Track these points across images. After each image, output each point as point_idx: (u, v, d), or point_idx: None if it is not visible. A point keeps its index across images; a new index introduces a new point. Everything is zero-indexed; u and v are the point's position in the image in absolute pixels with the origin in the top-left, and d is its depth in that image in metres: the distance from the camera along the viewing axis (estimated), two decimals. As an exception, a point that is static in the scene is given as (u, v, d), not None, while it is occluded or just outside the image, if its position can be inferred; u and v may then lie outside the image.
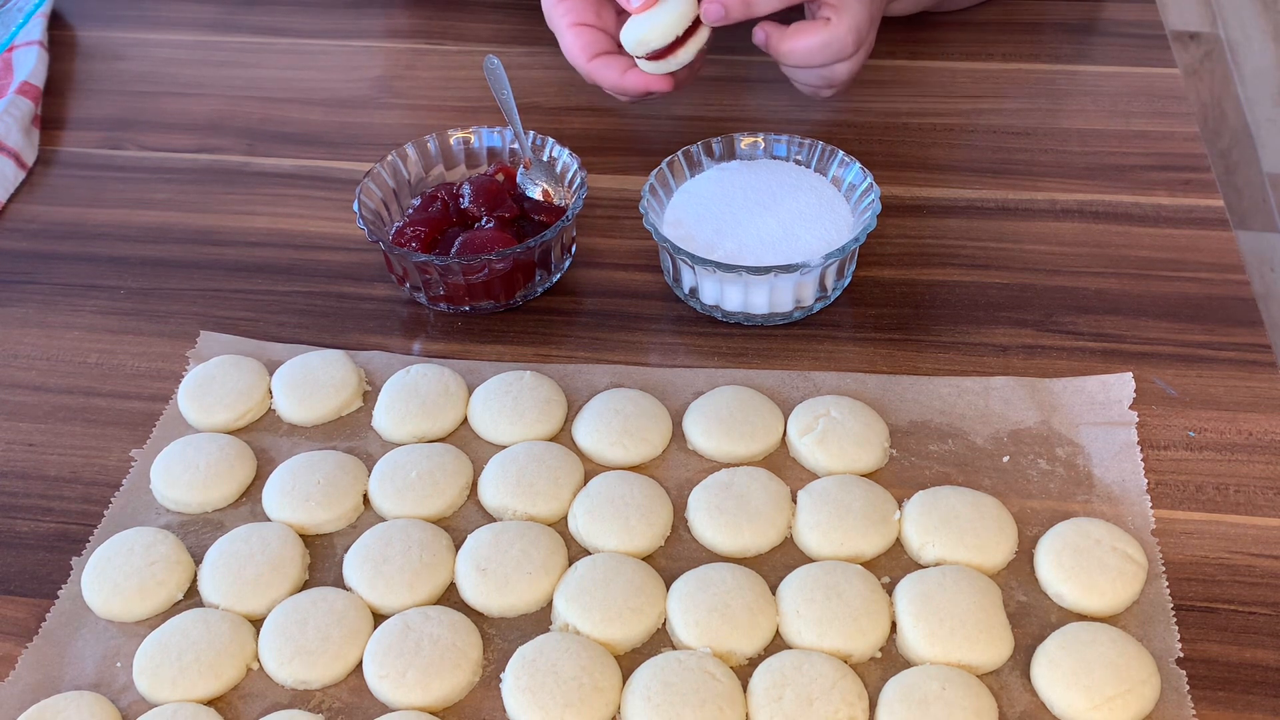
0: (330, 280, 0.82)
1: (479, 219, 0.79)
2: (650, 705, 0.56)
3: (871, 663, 0.59)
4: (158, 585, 0.63)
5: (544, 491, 0.66)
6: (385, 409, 0.71)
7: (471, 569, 0.62)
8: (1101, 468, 0.67)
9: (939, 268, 0.81)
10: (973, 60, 0.99)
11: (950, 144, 0.91)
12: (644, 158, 0.87)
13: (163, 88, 1.01)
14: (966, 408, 0.70)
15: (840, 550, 0.63)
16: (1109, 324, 0.76)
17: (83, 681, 0.60)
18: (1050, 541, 0.63)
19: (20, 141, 0.93)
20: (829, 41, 0.79)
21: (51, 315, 0.80)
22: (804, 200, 0.78)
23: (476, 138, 0.85)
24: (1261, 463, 0.67)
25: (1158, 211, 0.84)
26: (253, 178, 0.92)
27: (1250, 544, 0.64)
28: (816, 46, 0.80)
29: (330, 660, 0.59)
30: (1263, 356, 0.73)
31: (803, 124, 0.93)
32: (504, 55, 0.91)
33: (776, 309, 0.76)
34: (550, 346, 0.77)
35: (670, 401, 0.71)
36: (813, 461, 0.68)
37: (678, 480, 0.68)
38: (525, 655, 0.58)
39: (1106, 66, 0.97)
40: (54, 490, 0.69)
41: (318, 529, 0.66)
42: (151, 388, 0.75)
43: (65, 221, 0.88)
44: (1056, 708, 0.57)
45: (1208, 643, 0.60)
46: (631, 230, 0.83)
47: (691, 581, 0.61)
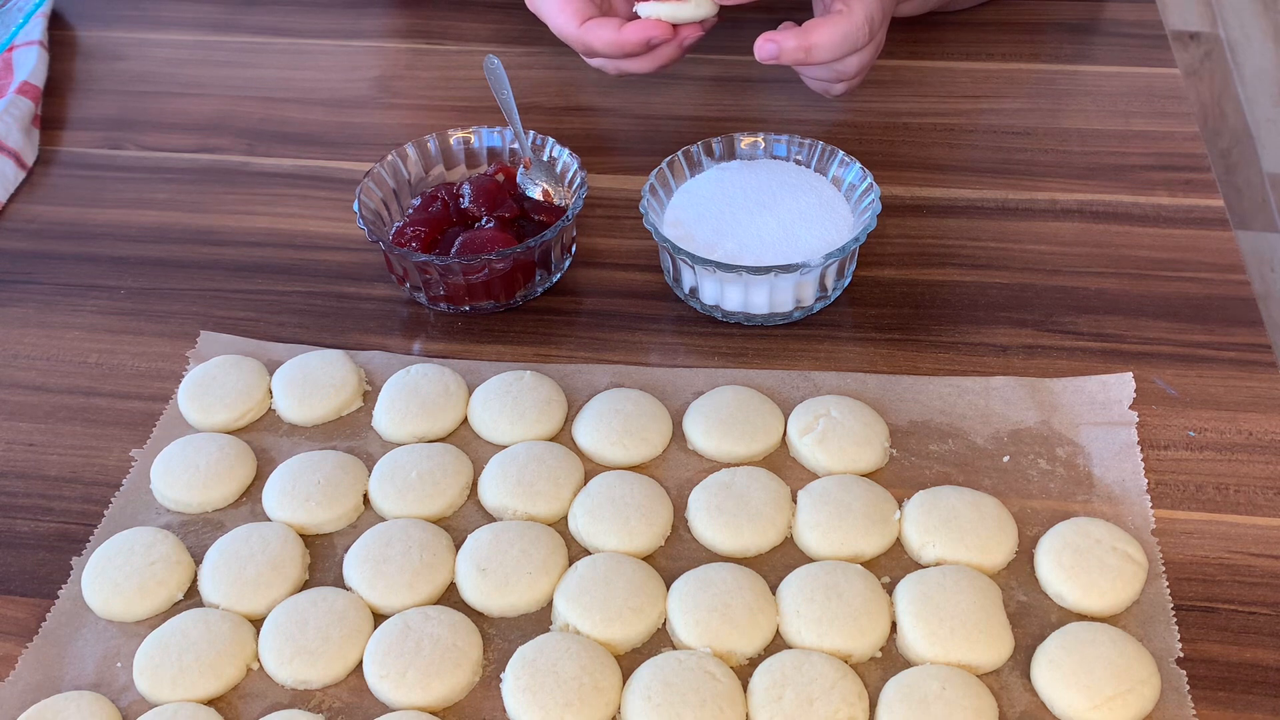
0: (330, 280, 0.82)
1: (479, 219, 0.79)
2: (650, 705, 0.56)
3: (871, 663, 0.59)
4: (158, 585, 0.63)
5: (544, 491, 0.66)
6: (385, 409, 0.71)
7: (472, 569, 0.62)
8: (1102, 468, 0.67)
9: (939, 268, 0.81)
10: (973, 60, 0.99)
11: (950, 144, 0.91)
12: (644, 158, 0.87)
13: (163, 88, 1.01)
14: (967, 408, 0.70)
15: (840, 550, 0.63)
16: (1109, 324, 0.76)
17: (83, 681, 0.60)
18: (1050, 541, 0.63)
19: (20, 141, 0.93)
20: (848, 32, 0.80)
21: (51, 315, 0.80)
22: (804, 200, 0.78)
23: (476, 138, 0.85)
24: (1261, 463, 0.67)
25: (1158, 211, 0.84)
26: (253, 178, 0.92)
27: (1250, 544, 0.64)
28: (838, 38, 0.80)
29: (330, 660, 0.59)
30: (1263, 356, 0.73)
31: (803, 124, 0.93)
32: (504, 55, 0.91)
33: (776, 309, 0.76)
34: (550, 346, 0.77)
35: (670, 401, 0.71)
36: (813, 461, 0.68)
37: (678, 480, 0.68)
38: (525, 655, 0.58)
39: (1106, 66, 0.97)
40: (54, 490, 0.69)
41: (318, 529, 0.66)
42: (151, 388, 0.75)
43: (65, 221, 0.88)
44: (1057, 707, 0.57)
45: (1208, 643, 0.60)
46: (631, 230, 0.83)
47: (691, 581, 0.61)
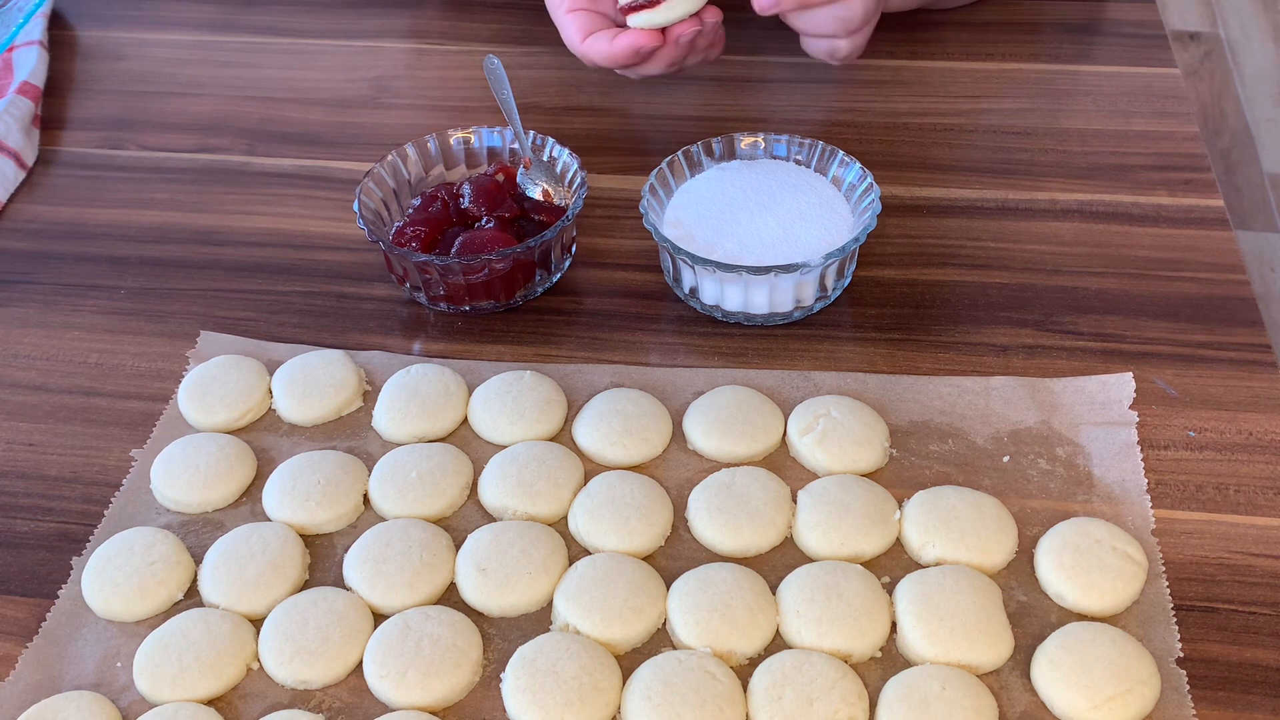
0: (330, 280, 0.82)
1: (479, 219, 0.79)
2: (650, 705, 0.56)
3: (871, 662, 0.59)
4: (158, 585, 0.63)
5: (544, 491, 0.66)
6: (385, 409, 0.71)
7: (472, 569, 0.62)
8: (1102, 467, 0.67)
9: (939, 268, 0.81)
10: (973, 60, 0.99)
11: (950, 144, 0.91)
12: (644, 158, 0.87)
13: (163, 88, 1.01)
14: (966, 407, 0.70)
15: (840, 550, 0.63)
16: (1109, 324, 0.76)
17: (83, 681, 0.60)
18: (1050, 541, 0.63)
19: (20, 141, 0.93)
20: None
21: (51, 315, 0.80)
22: (804, 200, 0.78)
23: (476, 138, 0.85)
24: (1261, 463, 0.67)
25: (1158, 211, 0.84)
26: (253, 178, 0.92)
27: (1250, 544, 0.64)
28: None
29: (330, 660, 0.59)
30: (1263, 356, 0.73)
31: (803, 124, 0.93)
32: (504, 55, 0.91)
33: (776, 309, 0.76)
34: (550, 346, 0.77)
35: (670, 401, 0.71)
36: (813, 461, 0.68)
37: (678, 480, 0.68)
38: (525, 655, 0.58)
39: (1106, 66, 0.97)
40: (54, 490, 0.69)
41: (318, 529, 0.66)
42: (151, 388, 0.75)
43: (65, 221, 0.88)
44: (1057, 707, 0.57)
45: (1208, 643, 0.60)
46: (631, 230, 0.83)
47: (691, 581, 0.61)
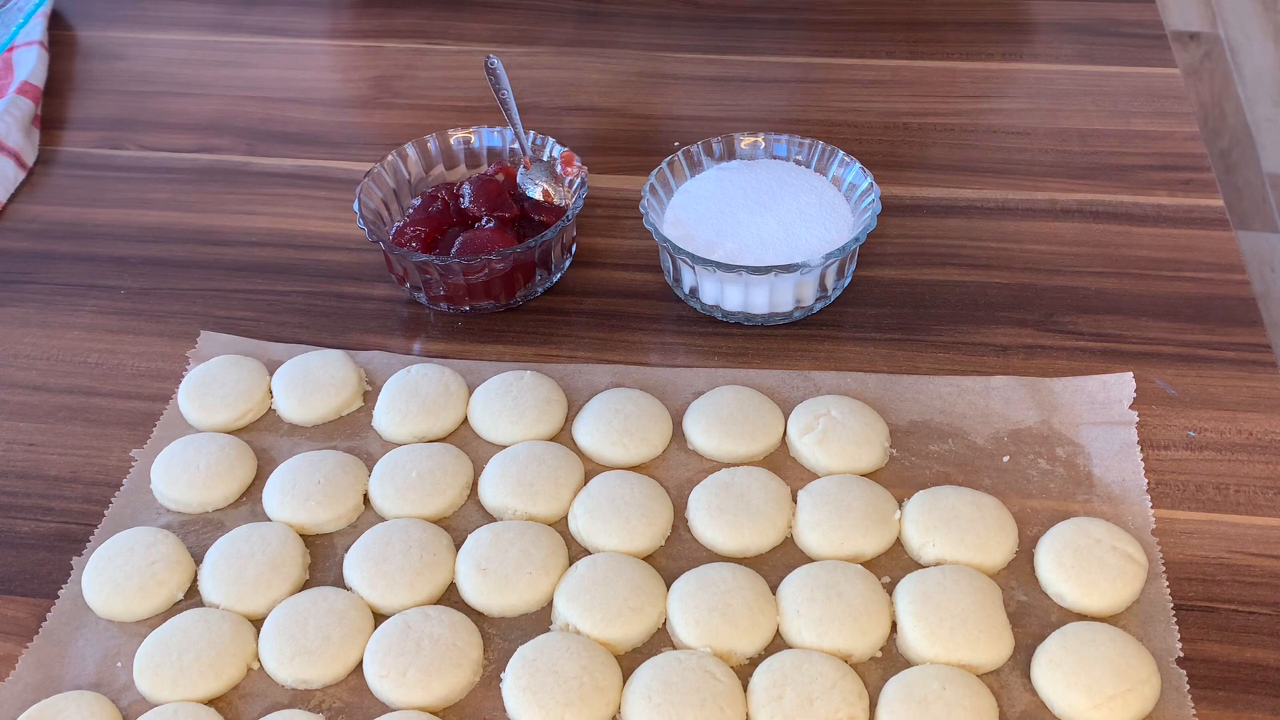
0: (330, 280, 0.82)
1: (479, 219, 0.79)
2: (650, 705, 0.56)
3: (871, 662, 0.59)
4: (158, 585, 0.63)
5: (544, 491, 0.66)
6: (385, 409, 0.71)
7: (472, 568, 0.62)
8: (1102, 467, 0.67)
9: (939, 268, 0.81)
10: (973, 60, 0.99)
11: (950, 144, 0.91)
12: (644, 158, 0.87)
13: (163, 88, 1.01)
14: (967, 407, 0.70)
15: (840, 550, 0.63)
16: (1109, 324, 0.76)
17: (83, 681, 0.60)
18: (1050, 541, 0.63)
19: (20, 141, 0.93)
20: None
21: (51, 315, 0.80)
22: (804, 200, 0.78)
23: (476, 138, 0.85)
24: (1261, 463, 0.67)
25: (1158, 211, 0.84)
26: (253, 178, 0.92)
27: (1250, 544, 0.64)
28: None
29: (330, 660, 0.59)
30: (1263, 356, 0.73)
31: (803, 124, 0.93)
32: (504, 55, 0.91)
33: (776, 309, 0.76)
34: (550, 346, 0.77)
35: (670, 401, 0.71)
36: (813, 461, 0.68)
37: (678, 480, 0.68)
38: (525, 655, 0.58)
39: (1106, 66, 0.97)
40: (54, 490, 0.69)
41: (318, 529, 0.66)
42: (151, 388, 0.75)
43: (65, 221, 0.88)
44: (1057, 707, 0.57)
45: (1208, 642, 0.60)
46: (631, 230, 0.83)
47: (692, 581, 0.61)
